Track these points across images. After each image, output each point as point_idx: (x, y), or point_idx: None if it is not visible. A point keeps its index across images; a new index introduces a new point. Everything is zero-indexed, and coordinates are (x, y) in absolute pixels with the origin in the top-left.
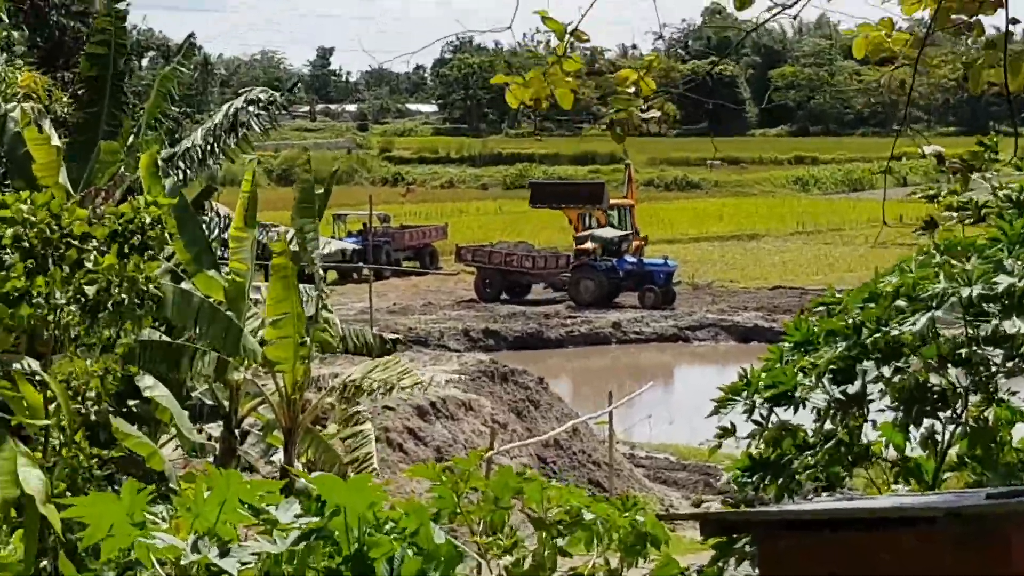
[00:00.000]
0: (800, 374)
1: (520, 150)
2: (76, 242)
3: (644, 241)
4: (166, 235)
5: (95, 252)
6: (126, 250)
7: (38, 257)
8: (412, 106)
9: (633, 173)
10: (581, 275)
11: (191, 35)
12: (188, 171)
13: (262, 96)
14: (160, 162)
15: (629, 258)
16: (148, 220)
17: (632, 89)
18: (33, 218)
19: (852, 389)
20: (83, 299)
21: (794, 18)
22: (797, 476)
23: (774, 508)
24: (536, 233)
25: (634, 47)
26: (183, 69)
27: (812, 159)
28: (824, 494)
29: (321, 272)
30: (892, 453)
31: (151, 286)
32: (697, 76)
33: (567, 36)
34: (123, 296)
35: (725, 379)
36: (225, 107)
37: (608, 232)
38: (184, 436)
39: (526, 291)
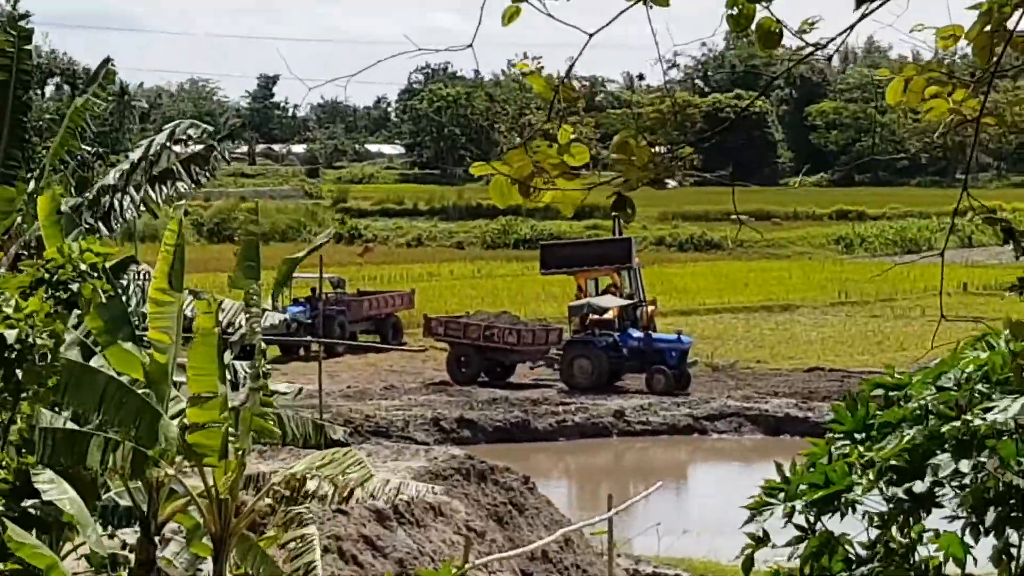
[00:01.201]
0: (854, 473)
1: None
2: None
3: (655, 305)
4: (100, 292)
5: (15, 299)
6: (52, 304)
7: None
8: (373, 147)
9: (623, 224)
10: (576, 353)
11: (107, 60)
12: (99, 223)
13: (191, 132)
14: (65, 208)
15: (635, 332)
16: (84, 267)
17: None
18: None
19: (920, 488)
20: None
21: (828, 60)
22: None
23: None
24: (523, 302)
25: (641, 77)
26: (99, 101)
27: (858, 214)
28: None
29: (263, 345)
30: (953, 569)
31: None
32: (718, 112)
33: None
34: (46, 351)
35: (750, 479)
36: (145, 144)
37: (608, 300)
38: (93, 548)
39: (509, 372)
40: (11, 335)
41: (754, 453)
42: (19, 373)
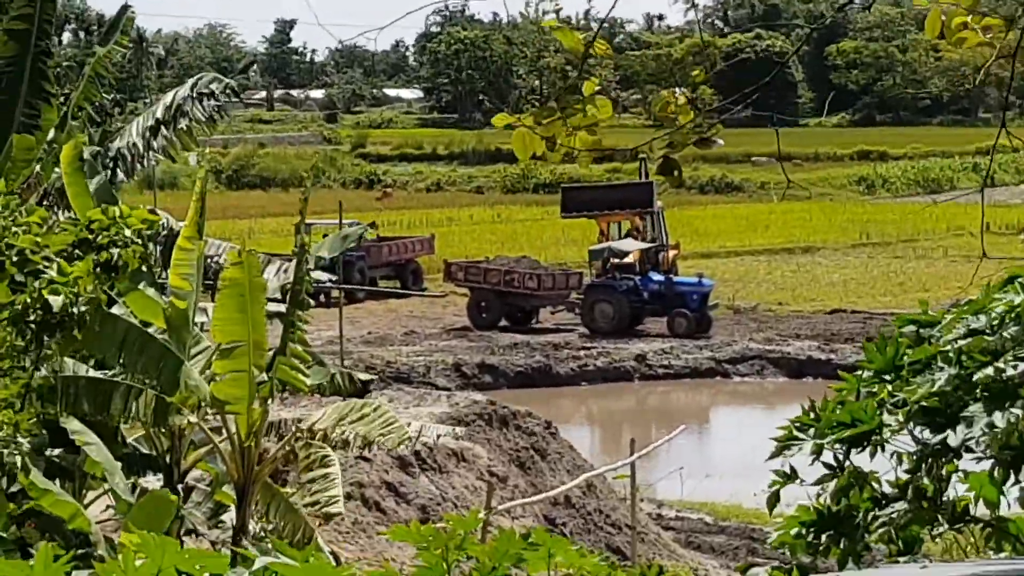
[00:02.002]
0: (884, 412)
1: None
2: (29, 248)
3: (677, 249)
4: (138, 260)
5: (58, 261)
6: (93, 267)
7: None
8: (391, 91)
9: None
10: (597, 297)
11: (125, 7)
12: (120, 171)
13: (214, 87)
14: (87, 155)
15: (655, 276)
16: (129, 232)
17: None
18: None
19: (954, 440)
20: (33, 314)
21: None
22: (868, 536)
23: None
24: (543, 247)
25: (661, 18)
26: (121, 49)
27: (879, 154)
28: (903, 559)
29: (309, 299)
30: (983, 510)
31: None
32: (739, 52)
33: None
34: (86, 317)
35: (773, 422)
36: (168, 97)
37: (630, 244)
38: (118, 495)
39: (530, 317)
40: (56, 302)
41: (776, 396)
42: (56, 337)
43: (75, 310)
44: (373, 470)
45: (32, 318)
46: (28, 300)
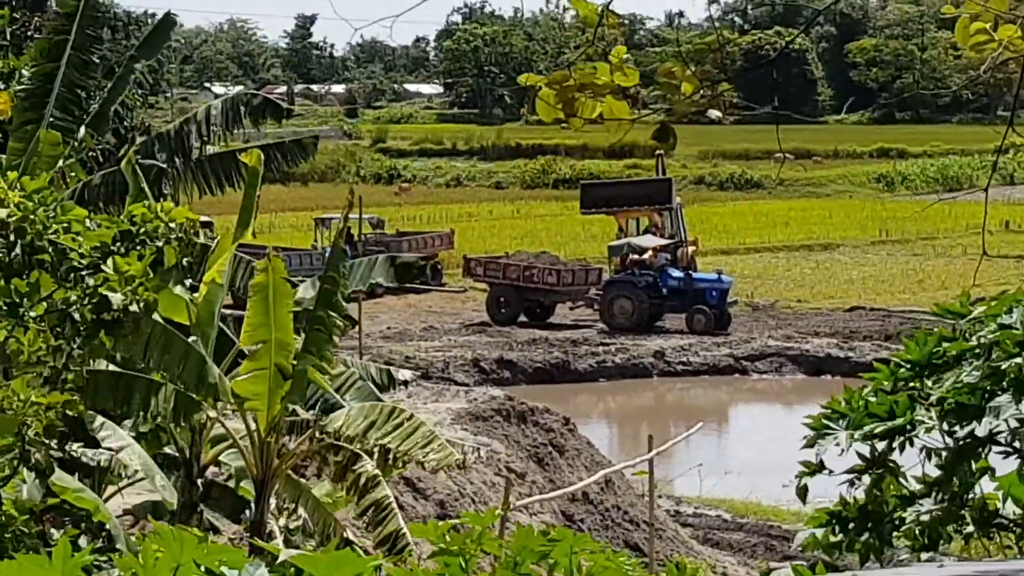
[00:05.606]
0: (919, 408)
1: (543, 140)
2: (69, 243)
3: (696, 245)
4: (177, 257)
5: (112, 257)
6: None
7: (16, 257)
8: (411, 87)
9: (666, 164)
10: (616, 293)
11: (169, 14)
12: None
13: (251, 100)
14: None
15: (674, 272)
16: (173, 227)
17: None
18: (29, 203)
19: (981, 431)
20: (80, 311)
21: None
22: (894, 534)
23: None
24: (562, 242)
25: (681, 15)
26: (157, 54)
27: (899, 152)
28: (924, 556)
29: (343, 302)
30: (1011, 508)
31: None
32: (758, 50)
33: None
34: (140, 315)
35: (791, 419)
36: (217, 111)
37: (649, 240)
38: (164, 495)
39: (549, 312)
40: (116, 299)
41: (795, 393)
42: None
43: (134, 309)
44: None
45: (78, 315)
46: (77, 296)
